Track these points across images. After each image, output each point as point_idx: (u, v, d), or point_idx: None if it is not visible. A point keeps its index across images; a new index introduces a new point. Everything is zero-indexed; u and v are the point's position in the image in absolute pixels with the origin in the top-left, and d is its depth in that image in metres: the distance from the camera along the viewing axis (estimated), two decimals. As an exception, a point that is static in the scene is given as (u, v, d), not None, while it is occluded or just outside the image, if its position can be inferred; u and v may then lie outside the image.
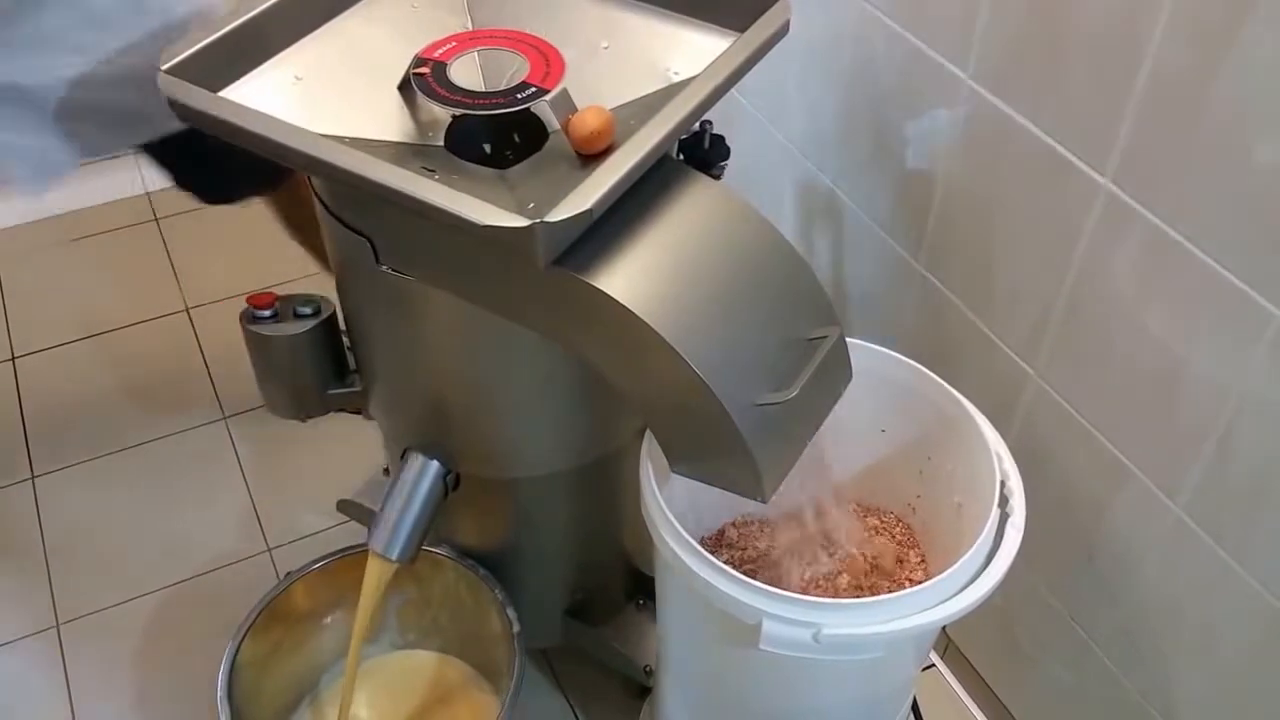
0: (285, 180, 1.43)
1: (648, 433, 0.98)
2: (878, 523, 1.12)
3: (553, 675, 1.40)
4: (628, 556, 1.32)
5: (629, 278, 0.84)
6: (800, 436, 0.89)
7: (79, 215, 2.10)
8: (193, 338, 1.86)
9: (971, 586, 0.87)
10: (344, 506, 1.48)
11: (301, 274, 1.95)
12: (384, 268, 0.95)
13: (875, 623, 0.84)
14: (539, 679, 1.40)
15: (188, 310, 1.92)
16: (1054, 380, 1.08)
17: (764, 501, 0.85)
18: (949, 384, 1.03)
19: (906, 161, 1.19)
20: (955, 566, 0.86)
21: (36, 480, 1.64)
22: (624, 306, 0.83)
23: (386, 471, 1.51)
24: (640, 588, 1.36)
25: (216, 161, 1.27)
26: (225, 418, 1.74)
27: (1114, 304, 0.98)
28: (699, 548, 0.87)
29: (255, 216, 1.59)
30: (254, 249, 1.98)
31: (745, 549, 1.12)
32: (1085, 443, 1.06)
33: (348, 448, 1.66)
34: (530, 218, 0.78)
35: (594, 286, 0.83)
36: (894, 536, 1.10)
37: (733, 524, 1.17)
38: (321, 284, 1.86)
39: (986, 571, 0.88)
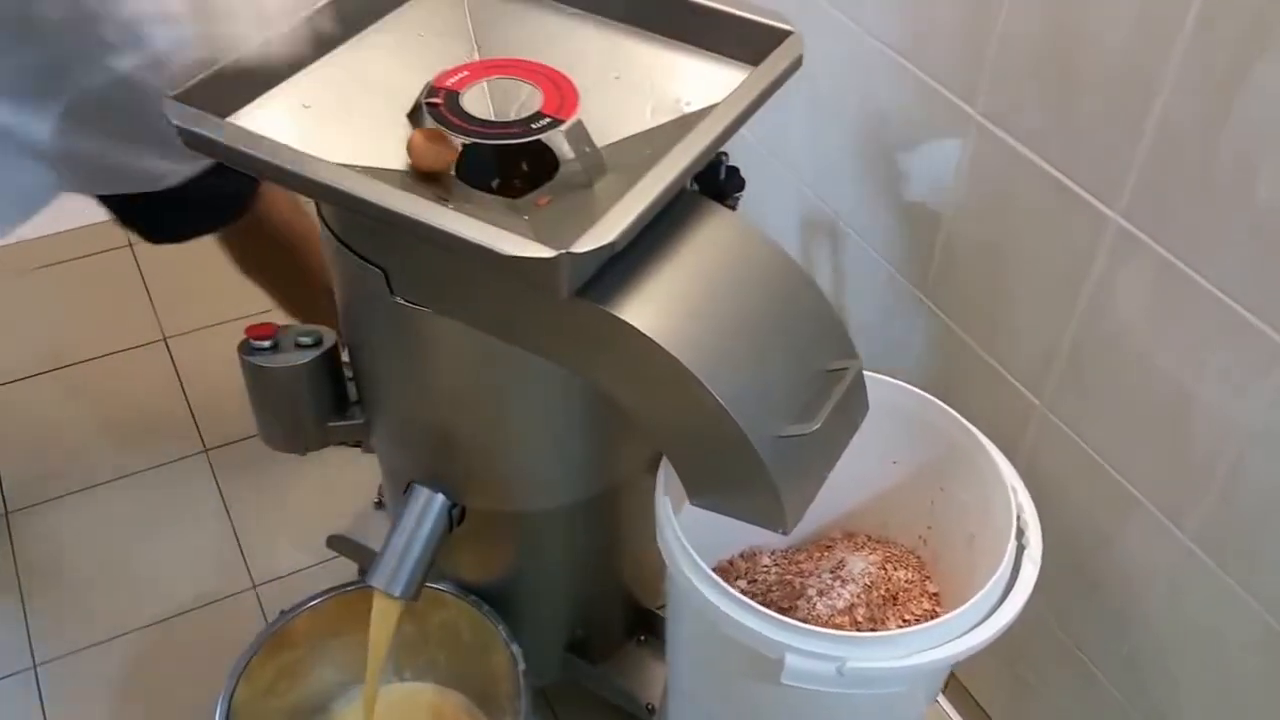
0: (234, 219, 1.40)
1: (663, 465, 0.97)
2: (888, 554, 1.11)
3: (552, 714, 1.38)
4: (630, 591, 1.30)
5: (650, 309, 0.84)
6: (821, 468, 0.89)
7: (46, 242, 2.06)
8: (171, 368, 1.82)
9: (993, 617, 0.87)
10: (334, 542, 1.45)
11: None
12: (398, 299, 0.93)
13: (899, 656, 0.83)
14: (538, 717, 1.38)
15: (165, 340, 1.87)
16: (1061, 411, 1.09)
17: (786, 534, 0.84)
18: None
19: (912, 194, 1.20)
20: (977, 598, 0.85)
21: (10, 516, 1.60)
22: (646, 337, 0.82)
23: (378, 504, 1.48)
24: (641, 623, 1.34)
25: (166, 199, 1.27)
26: (206, 450, 1.70)
27: (1123, 336, 0.99)
28: (720, 581, 0.85)
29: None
30: (235, 275, 1.95)
31: (755, 580, 1.11)
32: (1092, 473, 1.07)
33: (334, 481, 1.63)
34: (555, 249, 0.77)
35: (616, 317, 0.82)
36: (906, 568, 1.10)
37: (740, 555, 1.16)
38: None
39: (1005, 603, 0.88)
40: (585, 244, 0.78)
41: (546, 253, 0.77)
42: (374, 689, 1.16)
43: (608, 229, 0.79)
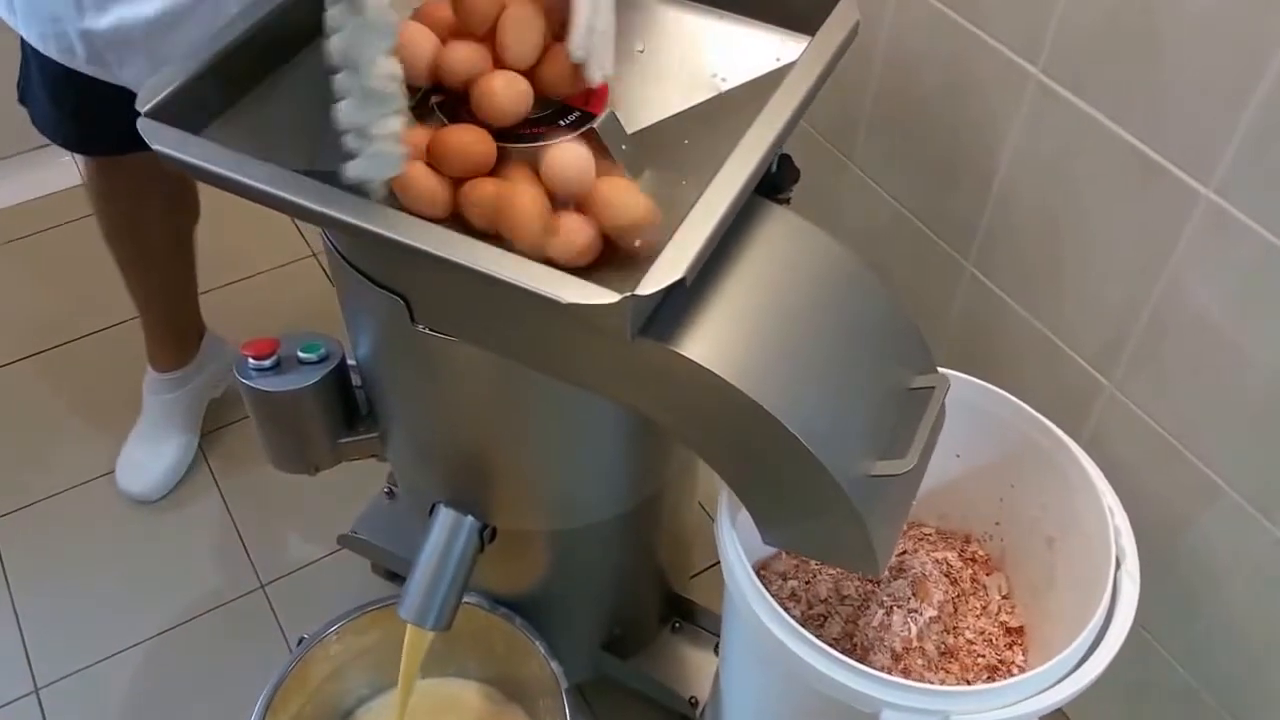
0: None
1: (724, 500, 0.88)
2: (952, 549, 1.04)
3: (591, 713, 1.32)
4: (663, 575, 1.24)
5: (717, 340, 0.74)
6: (907, 499, 0.81)
7: (9, 214, 1.90)
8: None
9: (1099, 650, 0.80)
10: (345, 541, 1.36)
11: (271, 265, 1.81)
12: (421, 328, 0.83)
13: (1006, 704, 0.77)
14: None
15: (144, 315, 1.74)
16: (1133, 393, 1.01)
17: (877, 577, 0.77)
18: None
19: (956, 155, 1.10)
20: (1081, 637, 0.79)
21: (-6, 523, 1.49)
22: (718, 377, 0.73)
23: (388, 493, 1.40)
24: (675, 608, 1.28)
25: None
26: (199, 434, 1.58)
27: (1211, 319, 0.91)
28: (811, 637, 0.78)
29: (213, 201, 1.44)
30: (214, 238, 1.81)
31: (809, 583, 1.03)
32: (1168, 458, 1.00)
33: (341, 467, 1.53)
34: (618, 291, 0.67)
35: (682, 355, 0.73)
36: (974, 563, 1.03)
37: (786, 552, 1.09)
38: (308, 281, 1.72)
39: (1109, 632, 0.82)
40: (652, 284, 0.68)
41: (610, 297, 0.67)
42: (402, 714, 1.10)
43: (674, 263, 0.69)
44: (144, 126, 0.76)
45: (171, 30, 1.01)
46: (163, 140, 0.76)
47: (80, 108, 1.16)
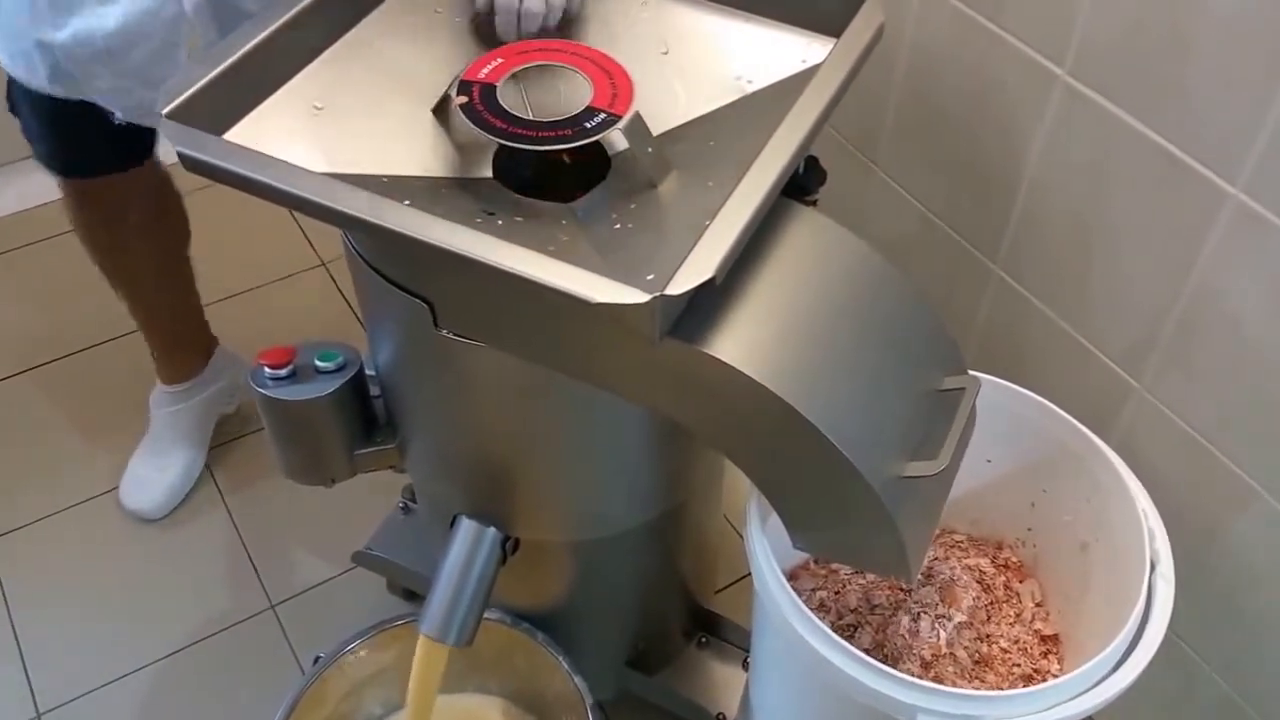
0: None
1: (754, 506, 0.87)
2: (983, 555, 1.03)
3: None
4: (688, 588, 1.22)
5: (745, 340, 0.73)
6: (939, 502, 0.80)
7: (1, 224, 1.89)
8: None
9: (1135, 653, 0.79)
10: (360, 559, 1.34)
11: (277, 275, 1.80)
12: (444, 332, 0.82)
13: (1038, 710, 0.75)
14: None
15: (141, 328, 1.73)
16: (1164, 394, 1.00)
17: (909, 583, 0.76)
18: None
19: (982, 158, 1.09)
20: (1116, 641, 0.78)
21: (-6, 544, 1.47)
22: (748, 377, 0.72)
23: (405, 509, 1.38)
24: (700, 623, 1.26)
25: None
26: (206, 452, 1.56)
27: (1242, 320, 0.90)
28: (843, 642, 0.76)
29: (203, 212, 1.42)
30: (218, 248, 1.79)
31: (838, 593, 1.01)
32: (1201, 460, 0.98)
33: (352, 482, 1.51)
34: (647, 290, 0.66)
35: (712, 357, 0.72)
36: (1006, 570, 1.02)
37: (814, 559, 1.07)
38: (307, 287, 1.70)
39: (1144, 634, 0.80)
40: (681, 283, 0.67)
41: (640, 297, 0.66)
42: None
43: (704, 262, 0.68)
44: (166, 128, 0.76)
45: (133, 48, 1.00)
46: (185, 141, 0.75)
47: (50, 129, 1.17)
